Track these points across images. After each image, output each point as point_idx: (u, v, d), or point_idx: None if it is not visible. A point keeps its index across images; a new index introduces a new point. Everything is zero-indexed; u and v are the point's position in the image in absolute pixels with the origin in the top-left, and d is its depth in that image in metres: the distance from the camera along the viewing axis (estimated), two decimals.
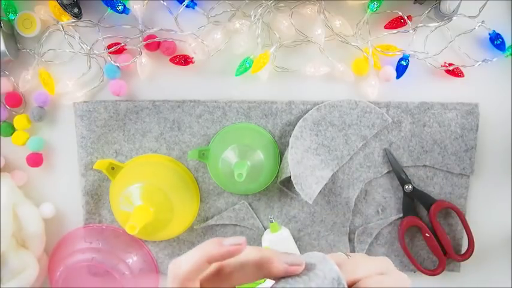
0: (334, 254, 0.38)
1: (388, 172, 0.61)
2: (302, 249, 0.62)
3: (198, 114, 0.59)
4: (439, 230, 0.61)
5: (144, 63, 0.58)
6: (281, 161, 0.60)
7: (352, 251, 0.62)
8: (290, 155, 0.56)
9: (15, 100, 0.59)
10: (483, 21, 0.57)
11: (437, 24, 0.57)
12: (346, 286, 0.33)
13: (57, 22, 0.57)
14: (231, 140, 0.59)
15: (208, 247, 0.32)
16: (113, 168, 0.60)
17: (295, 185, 0.56)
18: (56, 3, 0.54)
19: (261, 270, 0.32)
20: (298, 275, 0.33)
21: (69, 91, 0.59)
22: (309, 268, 0.33)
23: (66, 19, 0.56)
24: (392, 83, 0.59)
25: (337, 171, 0.60)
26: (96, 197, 0.62)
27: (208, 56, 0.58)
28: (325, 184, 0.59)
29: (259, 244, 0.62)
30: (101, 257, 0.59)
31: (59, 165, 0.62)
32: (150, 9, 0.57)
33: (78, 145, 0.60)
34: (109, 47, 0.57)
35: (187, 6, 0.55)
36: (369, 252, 0.63)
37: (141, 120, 0.60)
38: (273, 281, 0.35)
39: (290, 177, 0.56)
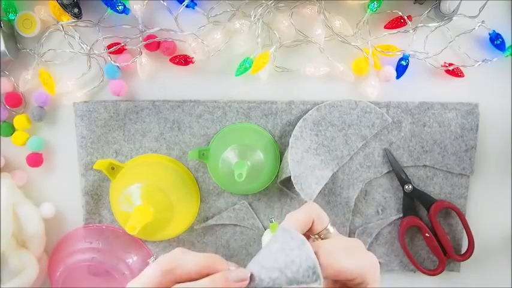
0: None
1: (388, 172, 0.61)
2: None
3: (198, 114, 0.59)
4: (439, 230, 0.61)
5: (144, 63, 0.58)
6: (281, 161, 0.60)
7: None
8: (290, 155, 0.56)
9: (15, 100, 0.59)
10: (483, 21, 0.57)
11: (437, 24, 0.57)
12: (321, 275, 0.33)
13: (57, 22, 0.57)
14: (231, 140, 0.59)
15: (217, 283, 0.33)
16: (113, 168, 0.60)
17: (295, 185, 0.56)
18: (56, 3, 0.54)
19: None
20: (275, 257, 0.33)
21: (69, 91, 0.59)
22: (287, 253, 0.33)
23: (66, 19, 0.56)
24: (392, 83, 0.59)
25: (337, 171, 0.60)
26: (96, 197, 0.62)
27: (208, 56, 0.58)
28: (325, 184, 0.59)
29: (260, 244, 0.62)
30: (101, 257, 0.59)
31: (59, 165, 0.62)
32: (150, 9, 0.57)
33: (78, 145, 0.60)
34: (109, 47, 0.57)
35: (187, 6, 0.55)
36: None
37: (141, 120, 0.60)
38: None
39: (290, 177, 0.56)
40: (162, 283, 0.34)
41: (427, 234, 0.61)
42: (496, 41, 0.58)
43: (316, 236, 0.40)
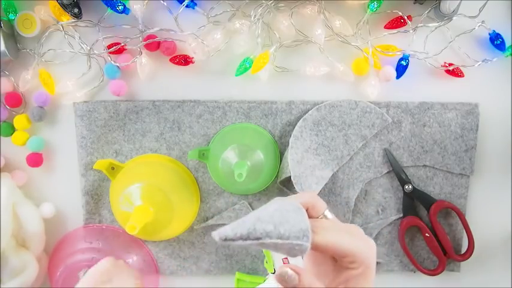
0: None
1: (388, 172, 0.61)
2: None
3: (198, 114, 0.59)
4: (439, 230, 0.61)
5: (144, 63, 0.58)
6: (281, 161, 0.60)
7: None
8: (290, 155, 0.56)
9: (15, 100, 0.59)
10: (483, 21, 0.57)
11: (437, 24, 0.57)
12: (310, 238, 0.35)
13: (57, 22, 0.57)
14: (231, 140, 0.59)
15: None
16: (113, 168, 0.60)
17: (295, 185, 0.56)
18: (56, 3, 0.54)
19: None
20: (271, 214, 0.35)
21: (69, 91, 0.59)
22: (283, 213, 0.35)
23: (66, 19, 0.56)
24: (392, 83, 0.59)
25: (337, 171, 0.60)
26: (96, 197, 0.62)
27: (208, 56, 0.58)
28: (325, 184, 0.59)
29: None
30: (101, 257, 0.59)
31: (59, 165, 0.62)
32: (150, 9, 0.57)
33: (78, 145, 0.60)
34: (109, 47, 0.57)
35: (187, 6, 0.55)
36: None
37: (141, 120, 0.60)
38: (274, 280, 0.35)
39: (290, 177, 0.56)
40: None
41: (427, 234, 0.61)
42: (496, 41, 0.58)
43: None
